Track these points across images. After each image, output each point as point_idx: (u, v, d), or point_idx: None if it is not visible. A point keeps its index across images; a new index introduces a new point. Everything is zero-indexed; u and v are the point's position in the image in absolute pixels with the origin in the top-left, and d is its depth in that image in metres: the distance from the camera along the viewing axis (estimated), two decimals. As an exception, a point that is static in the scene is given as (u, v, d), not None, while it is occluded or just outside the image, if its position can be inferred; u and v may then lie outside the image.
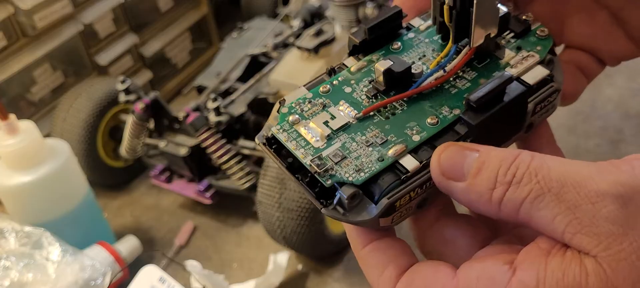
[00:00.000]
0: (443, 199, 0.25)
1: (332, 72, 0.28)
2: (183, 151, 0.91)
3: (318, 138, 0.25)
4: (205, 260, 0.89)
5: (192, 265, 0.76)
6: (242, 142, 0.92)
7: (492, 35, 0.26)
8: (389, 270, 0.23)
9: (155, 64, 1.25)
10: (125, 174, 1.07)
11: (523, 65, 0.26)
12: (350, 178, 0.23)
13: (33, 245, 0.73)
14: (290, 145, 0.25)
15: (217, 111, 0.88)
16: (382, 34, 0.28)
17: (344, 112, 0.26)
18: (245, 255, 0.90)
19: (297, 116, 0.26)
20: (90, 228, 0.86)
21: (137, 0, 1.19)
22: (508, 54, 0.27)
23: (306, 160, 0.24)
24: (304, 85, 0.28)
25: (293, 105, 0.27)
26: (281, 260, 0.81)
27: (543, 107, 0.26)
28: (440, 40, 0.28)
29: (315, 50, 0.96)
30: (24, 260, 0.70)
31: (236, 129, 0.94)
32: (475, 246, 0.24)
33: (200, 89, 1.07)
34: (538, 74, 0.26)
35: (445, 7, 0.26)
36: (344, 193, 0.23)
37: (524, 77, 0.26)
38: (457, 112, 0.25)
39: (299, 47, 0.97)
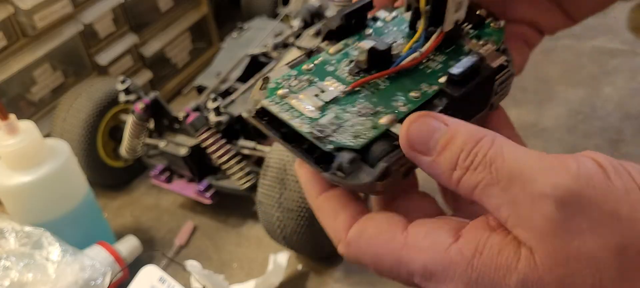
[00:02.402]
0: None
1: (310, 53, 0.30)
2: (183, 151, 0.91)
3: (312, 108, 0.26)
4: (205, 260, 0.89)
5: (192, 265, 0.76)
6: (242, 142, 0.91)
7: (459, 22, 0.29)
8: (342, 215, 0.25)
9: (155, 64, 1.25)
10: (125, 174, 1.07)
11: (484, 51, 0.29)
12: (350, 143, 0.24)
13: (33, 245, 0.73)
14: (285, 116, 0.26)
15: (217, 111, 0.88)
16: (354, 22, 0.30)
17: (332, 87, 0.27)
18: (245, 255, 0.90)
19: (286, 90, 0.27)
20: (90, 228, 0.86)
21: (137, 0, 1.19)
22: (470, 42, 0.30)
23: (303, 129, 0.25)
24: (286, 64, 0.29)
25: (279, 80, 0.28)
26: (281, 260, 0.81)
27: (502, 89, 0.29)
28: (407, 29, 0.30)
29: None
30: (24, 260, 0.70)
31: (236, 129, 0.94)
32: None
33: (200, 89, 1.07)
34: (498, 59, 0.28)
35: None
36: (343, 157, 0.24)
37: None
38: (435, 88, 0.27)
39: (299, 47, 0.97)
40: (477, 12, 0.31)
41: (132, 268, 0.78)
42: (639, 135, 1.00)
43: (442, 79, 0.27)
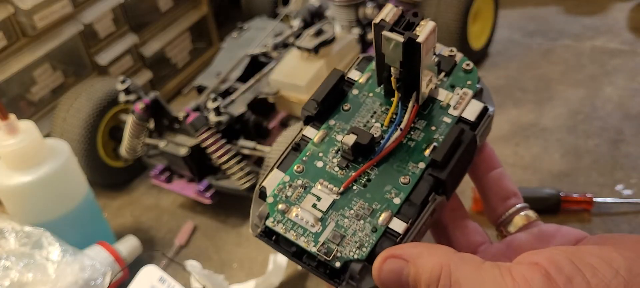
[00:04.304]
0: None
1: (296, 147, 0.30)
2: (183, 151, 0.91)
3: (312, 222, 0.27)
4: (205, 260, 0.89)
5: (192, 265, 0.76)
6: (242, 142, 0.91)
7: (433, 86, 0.29)
8: None
9: (155, 64, 1.25)
10: (125, 174, 1.08)
11: (462, 104, 0.29)
12: (355, 256, 0.26)
13: (33, 245, 0.73)
14: (291, 236, 0.27)
15: (217, 111, 0.88)
16: (331, 100, 0.30)
17: (326, 190, 0.28)
18: (245, 255, 0.90)
19: (285, 204, 0.28)
20: (90, 228, 0.86)
21: (137, 0, 1.19)
22: (446, 94, 0.30)
23: (310, 248, 0.26)
24: (275, 166, 0.30)
25: (276, 192, 0.28)
26: (281, 260, 0.81)
27: (484, 133, 0.30)
28: (382, 92, 0.31)
29: (315, 50, 0.96)
30: (24, 260, 0.70)
31: (236, 129, 0.94)
32: None
33: (200, 89, 1.07)
34: (476, 108, 0.29)
35: (392, 79, 0.28)
36: (353, 270, 0.26)
37: (464, 115, 0.29)
38: (421, 165, 0.28)
39: (299, 47, 0.97)
40: (448, 53, 0.31)
41: (132, 268, 0.78)
42: (639, 135, 1.00)
43: (427, 151, 0.28)
